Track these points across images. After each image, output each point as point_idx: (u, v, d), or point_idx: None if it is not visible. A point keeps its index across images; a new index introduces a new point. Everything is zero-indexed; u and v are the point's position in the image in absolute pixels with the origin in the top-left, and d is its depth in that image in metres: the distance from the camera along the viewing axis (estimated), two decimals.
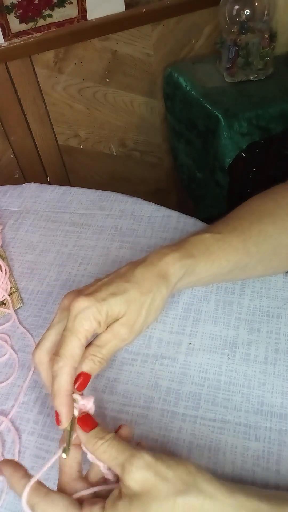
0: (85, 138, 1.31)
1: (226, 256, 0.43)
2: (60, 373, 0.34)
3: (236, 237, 0.43)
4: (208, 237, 0.43)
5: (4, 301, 0.56)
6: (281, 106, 1.01)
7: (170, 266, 0.39)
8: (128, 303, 0.37)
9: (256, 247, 0.44)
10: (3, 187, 0.73)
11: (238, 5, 1.01)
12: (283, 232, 0.45)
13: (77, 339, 0.34)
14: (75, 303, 0.36)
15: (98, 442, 0.32)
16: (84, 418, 0.34)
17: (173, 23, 1.15)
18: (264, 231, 0.45)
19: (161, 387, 0.45)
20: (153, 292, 0.38)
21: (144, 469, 0.30)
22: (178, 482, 0.30)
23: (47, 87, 1.16)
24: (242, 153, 1.04)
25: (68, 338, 0.34)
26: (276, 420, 0.41)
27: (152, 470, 0.30)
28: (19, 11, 1.02)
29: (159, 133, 1.38)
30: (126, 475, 0.30)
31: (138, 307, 0.37)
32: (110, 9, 1.08)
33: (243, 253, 0.43)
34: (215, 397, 0.43)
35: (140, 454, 0.30)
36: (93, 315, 0.35)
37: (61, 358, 0.34)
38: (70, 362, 0.34)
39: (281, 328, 0.47)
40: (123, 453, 0.31)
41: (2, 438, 0.44)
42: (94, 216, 0.65)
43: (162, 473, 0.30)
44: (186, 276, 0.41)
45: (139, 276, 0.38)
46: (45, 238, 0.63)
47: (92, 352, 0.36)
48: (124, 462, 0.30)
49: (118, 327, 0.36)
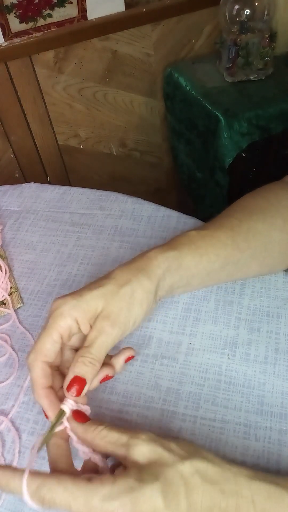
0: (85, 138, 1.31)
1: (215, 250, 0.42)
2: (31, 366, 0.36)
3: (224, 233, 0.43)
4: (193, 233, 0.43)
5: (4, 301, 0.56)
6: (281, 106, 1.01)
7: (152, 259, 0.40)
8: (105, 297, 0.37)
9: (246, 243, 0.44)
10: (3, 187, 0.73)
11: (238, 5, 1.01)
12: (273, 229, 0.45)
13: (48, 334, 0.36)
14: (52, 303, 0.37)
15: (98, 427, 0.33)
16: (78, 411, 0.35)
17: (173, 23, 1.15)
18: (253, 228, 0.45)
19: (161, 387, 0.45)
20: (132, 283, 0.38)
21: (150, 441, 0.31)
22: (182, 451, 0.31)
23: (47, 87, 1.16)
24: (242, 153, 1.04)
25: (41, 334, 0.36)
26: (276, 420, 0.41)
27: (157, 442, 0.31)
28: (19, 11, 1.02)
29: (159, 133, 1.38)
30: (133, 450, 0.31)
31: (118, 300, 0.37)
32: (110, 9, 1.08)
33: (233, 248, 0.43)
34: (215, 397, 0.43)
35: (143, 432, 0.32)
36: (67, 311, 0.36)
37: (32, 352, 0.36)
38: (39, 355, 0.35)
39: (281, 328, 0.47)
40: (125, 433, 0.32)
41: (2, 438, 0.44)
42: (94, 216, 0.65)
43: (167, 445, 0.31)
44: (174, 270, 0.41)
45: (117, 272, 0.39)
46: (45, 238, 0.63)
47: (81, 354, 0.36)
48: (128, 440, 0.31)
49: (100, 322, 0.36)
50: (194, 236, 0.43)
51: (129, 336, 0.49)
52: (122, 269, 0.39)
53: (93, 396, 0.45)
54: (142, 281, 0.38)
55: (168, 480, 0.29)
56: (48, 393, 0.35)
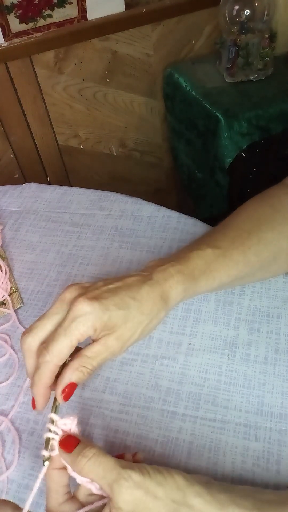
0: (85, 138, 1.31)
1: (228, 271, 0.44)
2: (43, 366, 0.35)
3: (236, 249, 0.44)
4: (209, 253, 0.43)
5: (4, 301, 0.56)
6: (281, 106, 1.01)
7: (173, 289, 0.41)
8: (127, 320, 0.37)
9: (256, 256, 0.45)
10: (3, 187, 0.73)
11: (238, 5, 1.01)
12: (282, 238, 0.46)
13: (69, 340, 0.35)
14: (78, 304, 0.35)
15: (82, 460, 0.31)
16: (65, 440, 0.33)
17: (173, 23, 1.15)
18: (263, 238, 0.45)
19: (161, 387, 0.45)
20: (152, 314, 0.39)
21: (134, 489, 0.29)
22: (167, 500, 0.30)
23: (47, 87, 1.16)
24: (242, 153, 1.04)
25: (61, 338, 0.35)
26: (276, 420, 0.41)
27: (142, 489, 0.29)
28: (19, 11, 1.02)
29: (159, 133, 1.38)
30: (116, 497, 0.29)
31: (135, 326, 0.38)
32: (110, 9, 1.08)
33: (244, 265, 0.44)
34: (215, 397, 0.43)
35: (128, 474, 0.29)
36: (92, 321, 0.35)
37: (49, 354, 0.35)
38: (56, 360, 0.35)
39: (281, 328, 0.47)
40: (110, 472, 0.30)
41: (2, 438, 0.44)
42: (94, 216, 0.65)
43: (152, 492, 0.29)
44: (185, 297, 0.43)
45: (144, 295, 0.39)
46: (45, 238, 0.63)
47: (83, 364, 0.35)
48: (112, 483, 0.29)
49: (112, 341, 0.36)
50: (210, 257, 0.43)
51: None
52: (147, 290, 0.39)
53: (93, 396, 0.45)
54: (160, 314, 0.40)
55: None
56: (47, 392, 0.36)
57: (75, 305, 0.35)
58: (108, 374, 0.46)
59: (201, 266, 0.43)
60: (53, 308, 0.37)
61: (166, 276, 0.41)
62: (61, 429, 0.34)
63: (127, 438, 0.42)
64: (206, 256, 0.43)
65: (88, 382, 0.46)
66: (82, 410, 0.44)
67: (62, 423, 0.34)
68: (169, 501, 0.30)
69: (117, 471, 0.30)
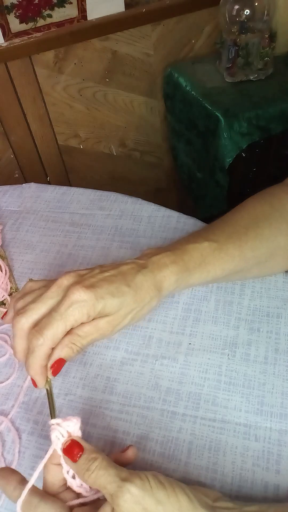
0: (85, 138, 1.31)
1: (222, 265, 0.44)
2: (38, 349, 0.36)
3: (232, 243, 0.45)
4: (205, 246, 0.44)
5: (4, 301, 0.56)
6: (281, 106, 1.01)
7: (166, 279, 0.42)
8: (121, 306, 0.38)
9: (253, 252, 0.45)
10: (3, 187, 0.73)
11: (238, 5, 1.01)
12: (279, 234, 0.46)
13: (64, 325, 0.36)
14: (75, 291, 0.37)
15: (86, 474, 0.31)
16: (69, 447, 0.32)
17: (173, 23, 1.15)
18: (260, 235, 0.46)
19: (161, 387, 0.45)
20: (145, 302, 0.40)
21: (132, 504, 0.29)
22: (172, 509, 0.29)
23: (47, 87, 1.16)
24: (242, 153, 1.04)
25: (56, 322, 0.36)
26: (276, 420, 0.41)
27: (140, 506, 0.29)
28: (19, 11, 1.02)
29: (159, 133, 1.38)
30: (116, 508, 0.29)
31: (127, 312, 0.39)
32: (110, 9, 1.08)
33: (239, 260, 0.45)
34: (215, 397, 0.43)
35: (127, 488, 0.29)
36: (87, 309, 0.36)
37: (43, 337, 0.36)
38: (50, 343, 0.36)
39: (281, 328, 0.47)
40: (111, 483, 0.29)
41: (2, 438, 0.44)
42: (94, 216, 0.65)
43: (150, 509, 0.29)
44: (178, 288, 0.43)
45: (138, 283, 0.40)
46: (45, 238, 0.63)
47: (73, 341, 0.37)
48: (113, 494, 0.29)
49: (104, 324, 0.38)
50: (206, 250, 0.44)
51: (130, 336, 0.49)
52: (142, 279, 0.40)
53: (93, 396, 0.45)
54: (152, 302, 0.41)
55: None
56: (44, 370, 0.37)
57: (72, 292, 0.37)
58: (108, 374, 0.46)
59: (196, 258, 0.43)
60: (49, 293, 0.38)
61: (160, 266, 0.42)
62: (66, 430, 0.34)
63: (127, 438, 0.42)
64: (202, 249, 0.44)
65: (88, 382, 0.46)
66: (82, 410, 0.44)
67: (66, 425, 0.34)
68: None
69: (117, 484, 0.29)
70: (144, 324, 0.50)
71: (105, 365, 0.47)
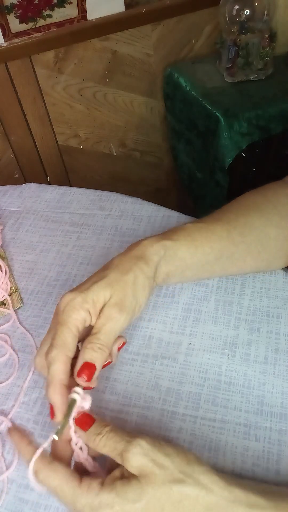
0: (85, 138, 1.31)
1: (209, 243, 0.43)
2: (53, 361, 0.34)
3: (220, 226, 0.44)
4: (189, 225, 0.44)
5: (4, 301, 0.56)
6: (281, 106, 1.01)
7: (148, 247, 0.41)
8: (111, 285, 0.37)
9: (241, 237, 0.45)
10: (3, 187, 0.73)
11: (238, 5, 1.01)
12: (269, 225, 0.46)
13: (67, 328, 0.35)
14: (61, 299, 0.37)
15: (97, 438, 0.32)
16: (81, 418, 0.34)
17: (173, 23, 1.16)
18: (249, 223, 0.45)
19: (161, 387, 0.45)
20: (133, 270, 0.39)
21: (141, 456, 0.30)
22: (175, 470, 0.30)
23: (47, 87, 1.16)
24: (242, 153, 1.04)
25: (59, 330, 0.36)
26: (276, 420, 0.41)
27: (149, 457, 0.30)
28: (19, 11, 1.02)
29: (159, 133, 1.38)
30: (125, 462, 0.30)
31: (123, 286, 0.38)
32: (110, 9, 1.08)
33: (228, 241, 0.44)
34: (215, 397, 0.43)
35: (136, 441, 0.31)
36: (79, 304, 0.36)
37: (54, 347, 0.35)
38: (63, 350, 0.35)
39: (281, 328, 0.47)
40: (120, 442, 0.31)
41: (2, 438, 0.44)
42: (94, 216, 0.65)
43: (159, 461, 0.30)
44: (170, 258, 0.42)
45: (117, 261, 0.40)
46: (45, 238, 0.63)
47: (90, 340, 0.36)
48: (122, 450, 0.31)
49: (108, 309, 0.37)
50: (190, 228, 0.44)
51: (130, 336, 0.49)
52: (121, 258, 0.40)
53: (93, 396, 0.45)
54: (142, 268, 0.39)
55: (151, 503, 0.29)
56: (64, 391, 0.34)
57: (60, 301, 0.37)
58: (108, 374, 0.46)
59: (179, 232, 0.43)
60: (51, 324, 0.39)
61: (137, 242, 0.42)
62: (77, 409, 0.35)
63: None
64: (187, 227, 0.44)
65: None
66: None
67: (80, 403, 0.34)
68: (176, 471, 0.30)
69: (127, 440, 0.31)
70: (144, 324, 0.50)
71: None
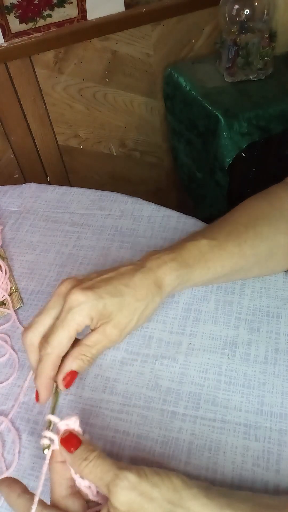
0: (85, 138, 1.31)
1: (222, 262, 0.44)
2: (45, 358, 0.36)
3: (231, 241, 0.44)
4: (204, 244, 0.44)
5: (4, 301, 0.56)
6: (281, 106, 1.01)
7: (167, 275, 0.41)
8: (122, 307, 0.38)
9: (252, 250, 0.45)
10: (3, 187, 0.73)
11: (238, 5, 1.01)
12: (278, 233, 0.46)
13: (67, 331, 0.36)
14: (72, 295, 0.37)
15: (83, 463, 0.31)
16: (67, 438, 0.33)
17: (173, 23, 1.16)
18: (259, 233, 0.46)
19: (161, 387, 0.45)
20: (148, 300, 0.40)
21: (129, 490, 0.29)
22: (163, 502, 0.29)
23: (47, 87, 1.16)
24: (242, 153, 1.04)
25: (59, 329, 0.36)
26: (276, 420, 0.41)
27: (137, 491, 0.29)
28: (19, 11, 1.02)
29: (159, 133, 1.38)
30: (112, 497, 0.29)
31: (131, 312, 0.39)
32: (110, 9, 1.08)
33: (239, 257, 0.44)
34: (215, 397, 0.43)
35: (124, 475, 0.29)
36: (87, 310, 0.36)
37: (49, 346, 0.36)
38: (56, 351, 0.36)
39: (281, 328, 0.47)
40: (107, 473, 0.30)
41: (2, 438, 0.44)
42: (94, 216, 0.65)
43: (148, 493, 0.29)
44: (180, 285, 0.43)
45: (137, 282, 0.40)
46: (45, 238, 0.63)
47: (83, 352, 0.37)
48: (109, 483, 0.29)
49: (110, 329, 0.38)
50: (205, 247, 0.44)
51: (130, 336, 0.49)
52: (140, 278, 0.40)
53: (93, 396, 0.45)
54: (155, 299, 0.40)
55: None
56: (50, 384, 0.37)
57: (69, 297, 0.37)
58: (108, 374, 0.46)
59: (195, 255, 0.43)
60: (50, 303, 0.39)
61: (159, 263, 0.41)
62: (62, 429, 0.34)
63: (127, 438, 0.42)
64: (201, 246, 0.44)
65: (88, 382, 0.46)
66: (82, 410, 0.44)
67: (64, 424, 0.34)
68: (165, 502, 0.29)
69: (114, 472, 0.30)
70: None
71: (105, 365, 0.47)
